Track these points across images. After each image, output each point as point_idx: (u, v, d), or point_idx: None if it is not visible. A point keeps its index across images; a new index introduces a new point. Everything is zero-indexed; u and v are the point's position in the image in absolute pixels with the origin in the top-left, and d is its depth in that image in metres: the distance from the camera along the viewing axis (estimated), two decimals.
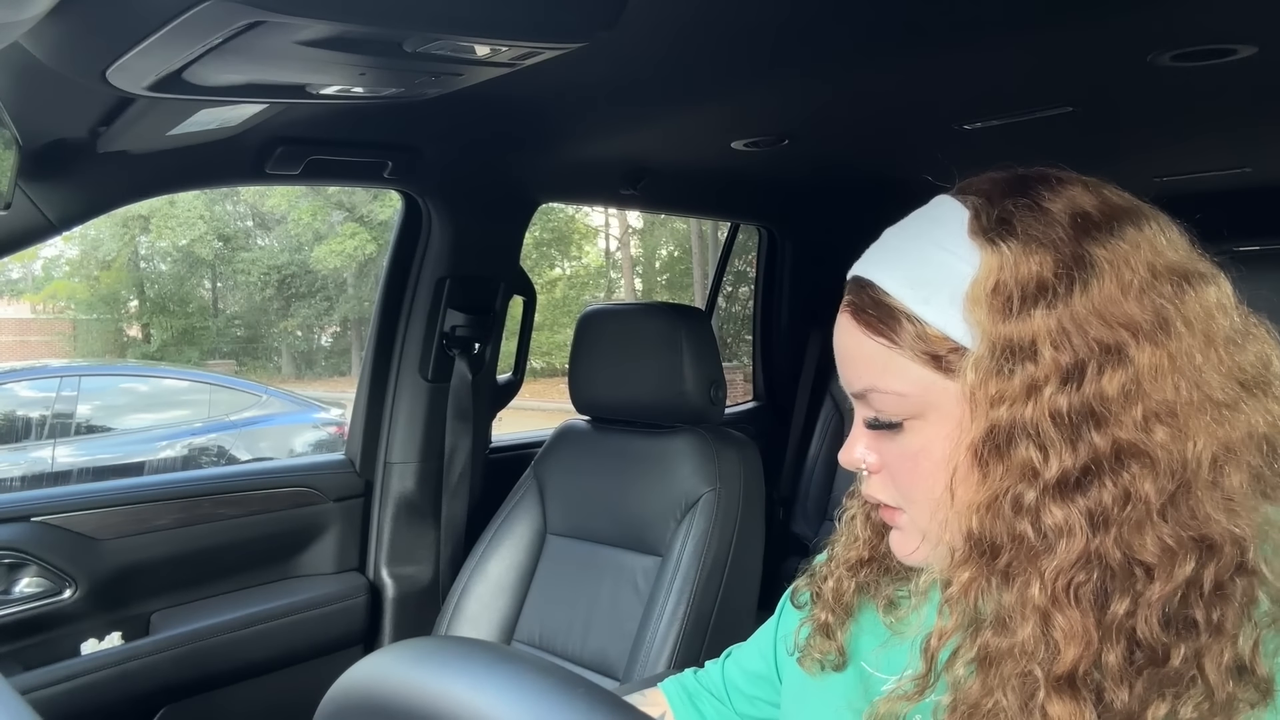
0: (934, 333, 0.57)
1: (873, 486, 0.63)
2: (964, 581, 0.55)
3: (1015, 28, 1.20)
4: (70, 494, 1.58)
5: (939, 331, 0.57)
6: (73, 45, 0.86)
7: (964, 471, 0.56)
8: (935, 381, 0.57)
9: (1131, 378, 0.52)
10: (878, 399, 0.59)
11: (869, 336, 0.59)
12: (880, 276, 0.60)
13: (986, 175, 0.62)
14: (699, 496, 1.58)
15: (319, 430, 6.71)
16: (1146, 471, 0.51)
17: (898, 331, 0.58)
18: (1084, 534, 0.51)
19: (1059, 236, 0.55)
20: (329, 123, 1.45)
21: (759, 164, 1.99)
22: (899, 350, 0.58)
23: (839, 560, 0.72)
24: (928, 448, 0.58)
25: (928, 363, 0.57)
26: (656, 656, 1.49)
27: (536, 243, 15.50)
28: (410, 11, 0.81)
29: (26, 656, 1.44)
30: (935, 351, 0.57)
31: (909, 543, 0.62)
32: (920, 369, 0.57)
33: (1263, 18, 1.14)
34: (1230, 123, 1.70)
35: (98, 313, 14.98)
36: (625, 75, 1.34)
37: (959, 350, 0.56)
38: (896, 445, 0.60)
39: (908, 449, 0.59)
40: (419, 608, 1.87)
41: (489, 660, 0.46)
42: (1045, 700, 0.51)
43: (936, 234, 0.59)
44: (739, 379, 5.84)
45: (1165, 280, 0.54)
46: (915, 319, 0.57)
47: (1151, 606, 0.50)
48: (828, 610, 0.71)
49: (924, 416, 0.58)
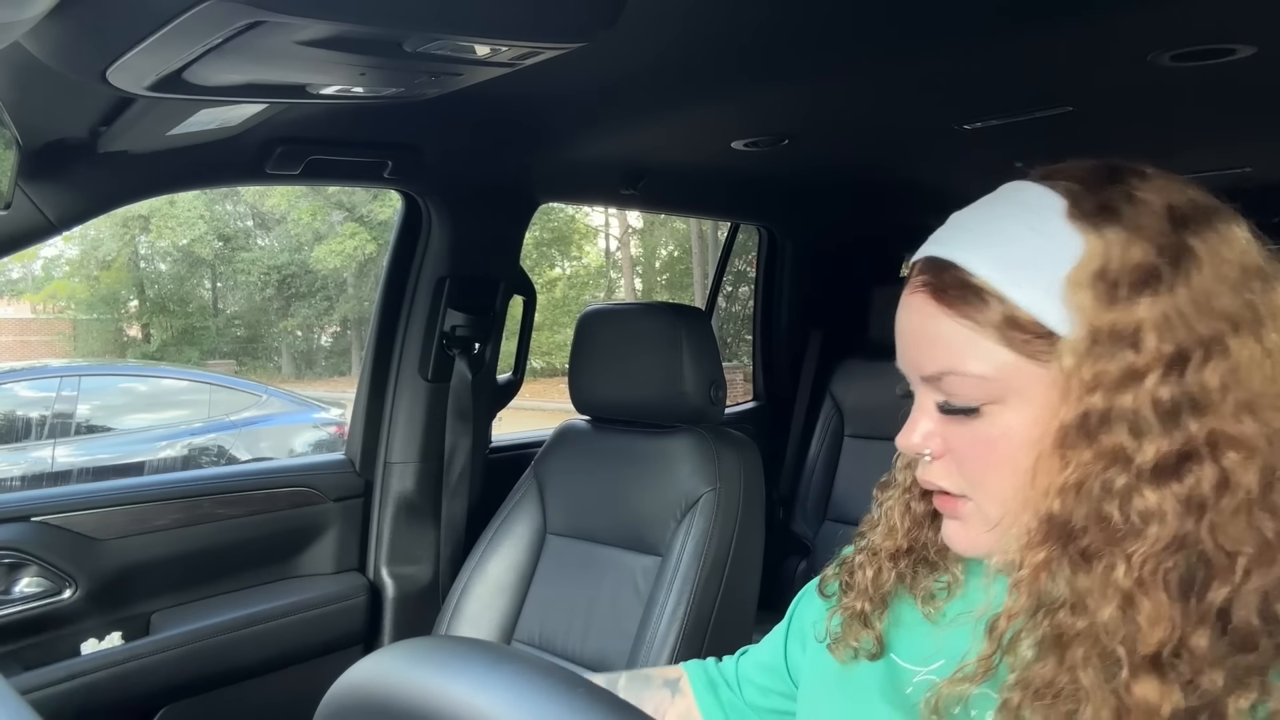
0: (1025, 316, 0.56)
1: (934, 473, 0.62)
2: (1037, 563, 0.55)
3: (1015, 28, 1.20)
4: (70, 494, 1.58)
5: (1030, 315, 0.56)
6: (73, 45, 0.86)
7: (1046, 455, 0.56)
8: (1019, 365, 0.56)
9: (1230, 369, 0.53)
10: (955, 383, 0.58)
11: (951, 317, 0.58)
12: (964, 258, 0.59)
13: (1071, 163, 0.62)
14: (699, 496, 1.58)
15: (319, 430, 6.71)
16: (1246, 460, 0.52)
17: (984, 313, 0.57)
18: (1176, 519, 0.52)
19: (1160, 227, 0.55)
20: (329, 123, 1.45)
21: (759, 164, 1.99)
22: (983, 332, 0.57)
23: (876, 549, 0.71)
24: (1007, 433, 0.57)
25: (1014, 346, 0.56)
26: (656, 656, 1.49)
27: (536, 243, 15.50)
28: (410, 11, 0.81)
29: (26, 656, 1.44)
30: (1024, 335, 0.56)
31: (970, 532, 0.61)
32: (1005, 352, 0.57)
33: (1263, 18, 1.14)
34: (1230, 123, 1.71)
35: (98, 313, 14.98)
36: (626, 75, 1.34)
37: (1050, 336, 0.56)
38: (970, 430, 0.59)
39: (983, 434, 0.58)
40: (419, 608, 1.87)
41: (489, 660, 0.46)
42: (1130, 680, 0.51)
43: (1028, 218, 0.59)
44: (739, 379, 5.85)
45: (1254, 275, 0.55)
46: (1005, 300, 0.57)
47: (1248, 595, 0.51)
48: (864, 599, 0.70)
49: (1003, 401, 0.57)
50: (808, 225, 2.67)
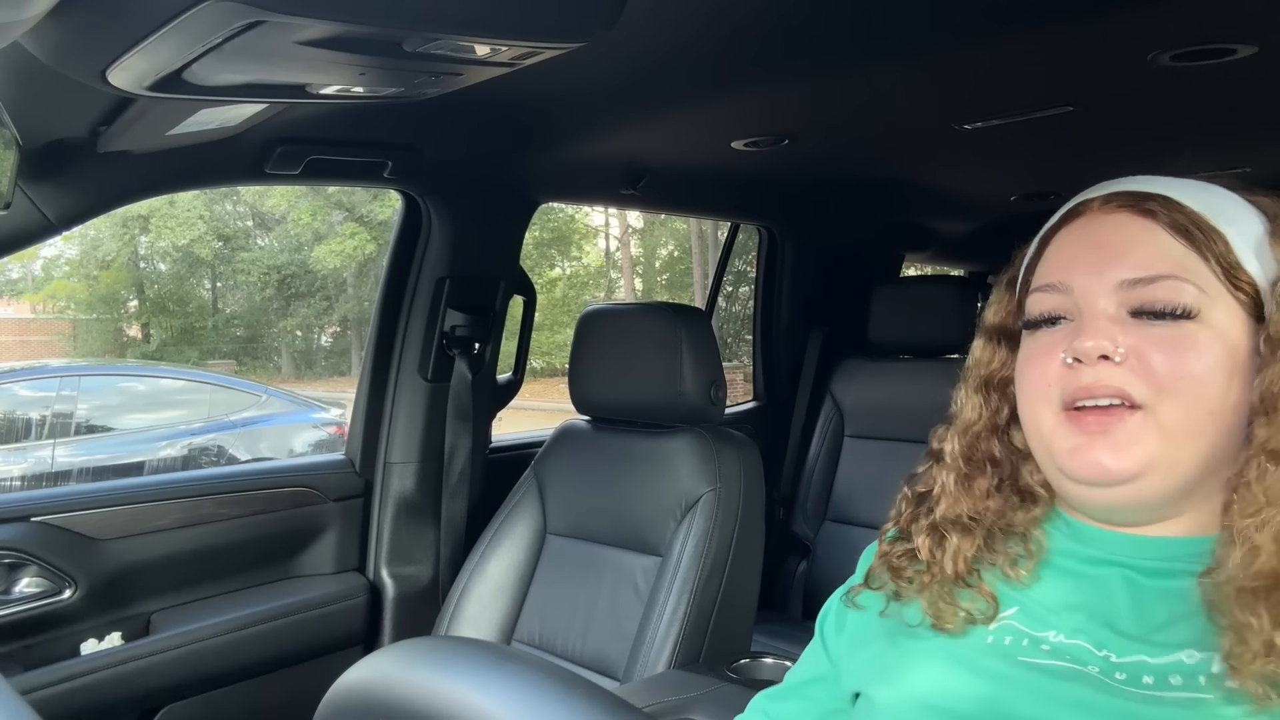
0: (1231, 251, 0.63)
1: (1119, 376, 0.62)
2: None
3: (1015, 28, 1.20)
4: (70, 494, 1.58)
5: (1235, 252, 0.63)
6: (73, 45, 0.86)
7: (1240, 374, 0.62)
8: (1223, 295, 0.62)
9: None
10: (1173, 287, 0.62)
11: (1168, 233, 0.63)
12: (1176, 194, 0.64)
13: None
14: (699, 496, 1.58)
15: (318, 430, 6.70)
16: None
17: (1207, 245, 0.63)
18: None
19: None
20: (329, 122, 1.45)
21: (759, 164, 1.99)
22: (1198, 255, 0.62)
23: (943, 522, 0.72)
24: (1207, 346, 0.61)
25: (1223, 276, 0.62)
26: (656, 657, 1.49)
27: (536, 243, 15.50)
28: (410, 11, 0.81)
29: (26, 656, 1.44)
30: (1227, 266, 0.62)
31: (1129, 448, 0.61)
32: (1214, 280, 0.62)
33: (1263, 18, 1.14)
34: (1230, 123, 1.71)
35: (97, 313, 14.98)
36: (625, 75, 1.34)
37: (1251, 283, 0.63)
38: (1171, 333, 0.61)
39: (1187, 338, 0.61)
40: (419, 608, 1.87)
41: (489, 660, 0.46)
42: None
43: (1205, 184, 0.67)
44: (739, 379, 5.85)
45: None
46: (1219, 233, 0.63)
47: None
48: (954, 564, 0.69)
49: (1204, 320, 0.62)
50: (808, 225, 2.67)
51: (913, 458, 0.79)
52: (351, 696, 0.48)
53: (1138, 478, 0.62)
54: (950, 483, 0.73)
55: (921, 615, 0.70)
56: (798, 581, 2.53)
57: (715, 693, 1.33)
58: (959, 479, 0.73)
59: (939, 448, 0.76)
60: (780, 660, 1.52)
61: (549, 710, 0.42)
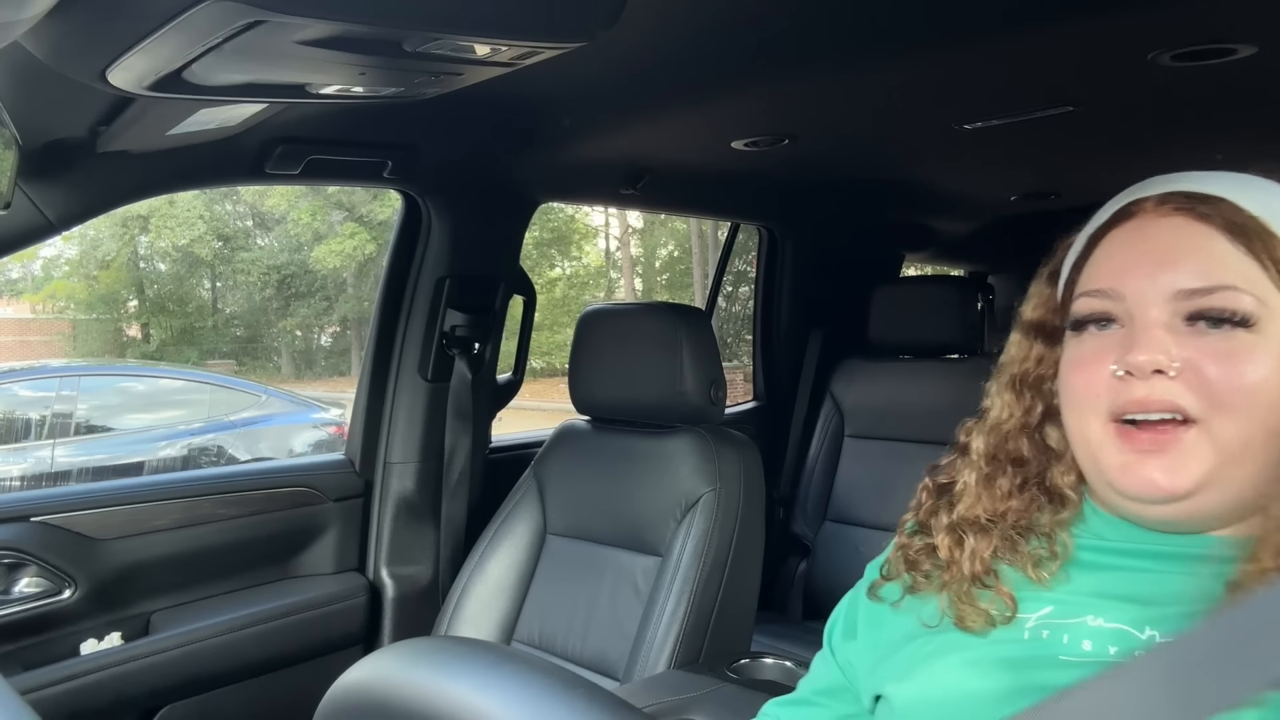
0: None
1: (1173, 390, 0.60)
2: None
3: (1016, 28, 1.20)
4: (70, 494, 1.58)
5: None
6: (73, 45, 0.86)
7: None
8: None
9: None
10: (1231, 297, 0.59)
11: (1226, 240, 0.60)
12: (1232, 194, 0.61)
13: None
14: (699, 496, 1.58)
15: (318, 430, 6.70)
16: None
17: (1267, 251, 0.60)
18: None
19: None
20: (329, 122, 1.45)
21: (759, 164, 1.99)
22: (1257, 262, 0.60)
23: (964, 520, 0.70)
24: (1266, 357, 0.59)
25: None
26: (656, 657, 1.49)
27: (536, 243, 15.50)
28: (410, 11, 0.81)
29: (26, 656, 1.44)
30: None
31: (1187, 465, 0.59)
32: (1273, 289, 0.60)
33: (1263, 18, 1.14)
34: (1230, 123, 1.70)
35: (97, 312, 14.98)
36: (625, 75, 1.34)
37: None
38: (1228, 344, 0.59)
39: (1245, 348, 0.59)
40: (419, 608, 1.87)
41: (489, 661, 0.46)
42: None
43: (1266, 183, 0.63)
44: (739, 379, 5.84)
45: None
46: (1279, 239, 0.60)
47: None
48: (972, 564, 0.68)
49: (1263, 329, 0.59)
50: (808, 225, 2.67)
51: (913, 457, 0.79)
52: (351, 696, 0.48)
53: (1192, 495, 0.60)
54: (972, 481, 0.72)
55: (940, 615, 0.69)
56: (798, 581, 2.53)
57: (715, 693, 1.33)
58: (980, 478, 0.71)
59: (965, 441, 0.75)
60: (780, 660, 1.52)
61: (549, 710, 0.42)
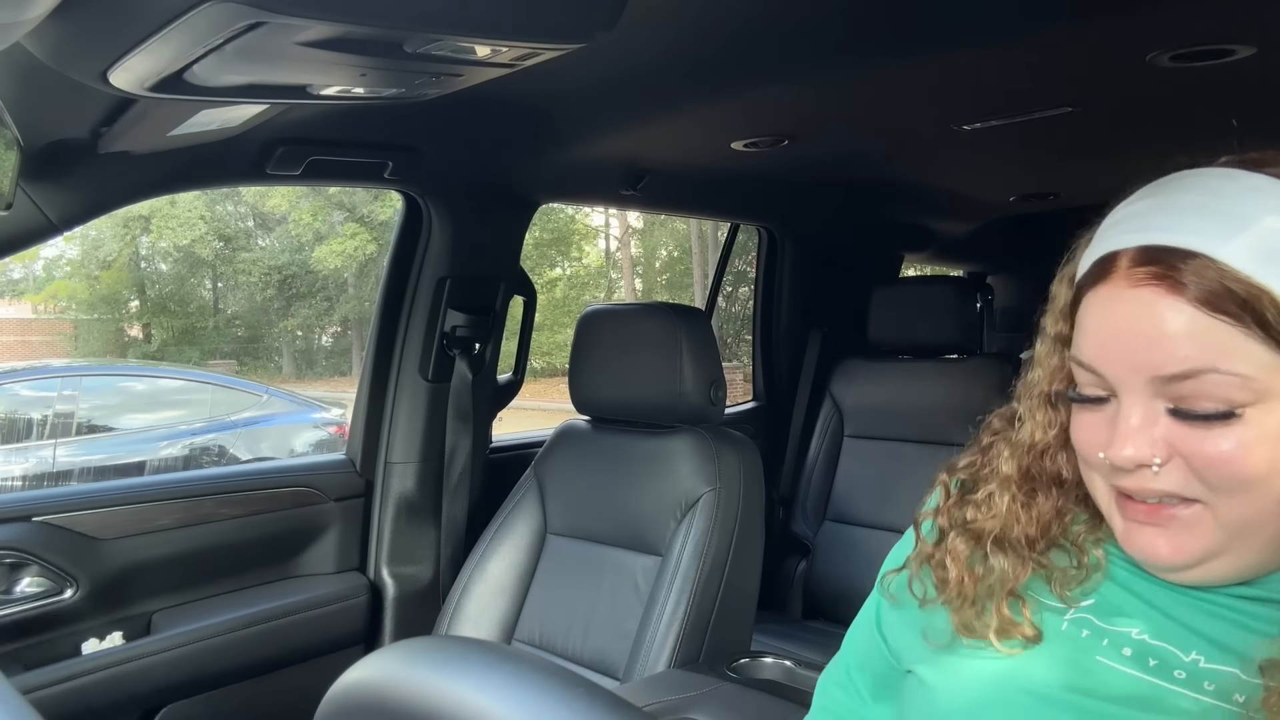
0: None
1: (1167, 481, 0.55)
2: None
3: (1015, 28, 1.20)
4: (71, 494, 1.58)
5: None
6: (74, 46, 0.86)
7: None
8: (1278, 364, 0.53)
9: None
10: (1214, 382, 0.53)
11: (1205, 313, 0.53)
12: (1208, 246, 0.54)
13: (1267, 152, 0.61)
14: (699, 496, 1.58)
15: (319, 430, 6.70)
16: None
17: (1253, 315, 0.53)
18: None
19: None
20: (329, 123, 1.45)
21: (759, 164, 1.99)
22: (1246, 330, 0.53)
23: (996, 536, 0.66)
24: (1264, 436, 0.53)
25: (1277, 346, 0.53)
26: (656, 656, 1.49)
27: (536, 243, 15.50)
28: (410, 12, 0.81)
29: (27, 656, 1.44)
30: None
31: (1187, 539, 0.56)
32: (1265, 352, 0.53)
33: (1262, 18, 1.14)
34: (1229, 123, 1.70)
35: (98, 313, 14.99)
36: (625, 75, 1.34)
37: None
38: (1216, 435, 0.54)
39: (1235, 437, 0.53)
40: (419, 608, 1.87)
41: (489, 660, 0.46)
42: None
43: (1265, 202, 0.56)
44: (739, 379, 5.85)
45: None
46: (1272, 298, 0.52)
47: None
48: (1005, 585, 0.64)
49: (1256, 404, 0.53)
50: (808, 225, 2.67)
51: (912, 458, 0.78)
52: (352, 696, 0.48)
53: (1200, 564, 0.57)
54: (1004, 502, 0.67)
55: (952, 631, 0.66)
56: (797, 581, 2.53)
57: (715, 692, 1.33)
58: (1016, 498, 0.66)
59: (989, 442, 0.70)
60: (780, 660, 1.52)
61: (549, 710, 0.42)
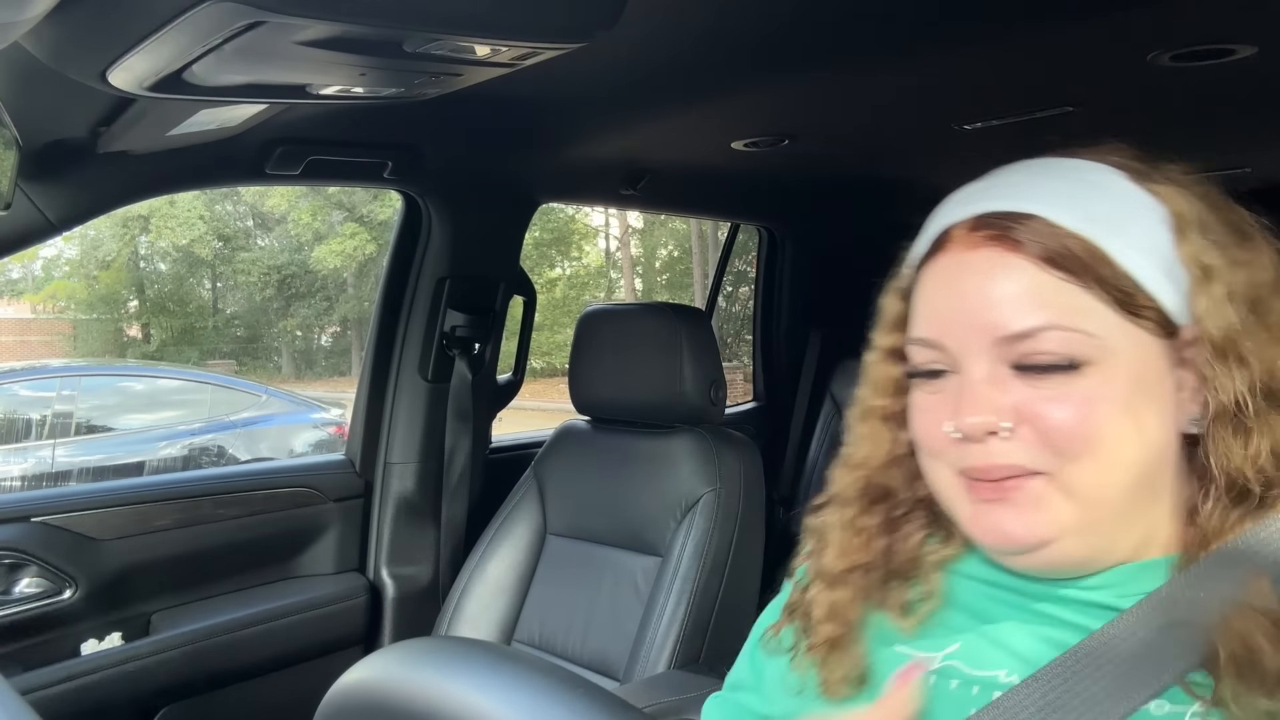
0: (1123, 272, 0.54)
1: (1012, 451, 0.55)
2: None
3: (1015, 28, 1.20)
4: (70, 494, 1.58)
5: (1128, 271, 0.54)
6: (73, 45, 0.86)
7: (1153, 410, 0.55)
8: (1119, 325, 0.54)
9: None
10: (1056, 339, 0.53)
11: (1044, 270, 0.54)
12: (1045, 210, 0.55)
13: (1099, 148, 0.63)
14: (699, 497, 1.58)
15: (318, 430, 6.70)
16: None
17: (1092, 274, 0.54)
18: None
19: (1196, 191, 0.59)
20: (329, 123, 1.45)
21: (759, 164, 1.99)
22: (1084, 287, 0.54)
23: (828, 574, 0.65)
24: (1106, 391, 0.53)
25: (1113, 301, 0.54)
26: (656, 657, 1.49)
27: (536, 243, 15.50)
28: (410, 12, 0.81)
29: (26, 657, 1.44)
30: (1122, 291, 0.54)
31: (1036, 515, 0.55)
32: (1104, 309, 0.54)
33: (1262, 18, 1.14)
34: (1230, 123, 1.71)
35: (97, 313, 14.99)
36: (625, 75, 1.34)
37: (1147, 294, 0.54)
38: (1062, 391, 0.54)
39: (1079, 392, 0.53)
40: (419, 608, 1.87)
41: (489, 661, 0.46)
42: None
43: (1091, 177, 0.58)
44: (739, 379, 5.85)
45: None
46: (1104, 255, 0.54)
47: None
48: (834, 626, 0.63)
49: (1099, 362, 0.54)
50: (807, 225, 2.67)
51: None
52: (351, 696, 0.48)
53: (1051, 543, 0.55)
54: (835, 526, 0.66)
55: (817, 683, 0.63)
56: None
57: None
58: (844, 522, 0.65)
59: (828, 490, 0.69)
60: None
61: (549, 710, 0.42)
